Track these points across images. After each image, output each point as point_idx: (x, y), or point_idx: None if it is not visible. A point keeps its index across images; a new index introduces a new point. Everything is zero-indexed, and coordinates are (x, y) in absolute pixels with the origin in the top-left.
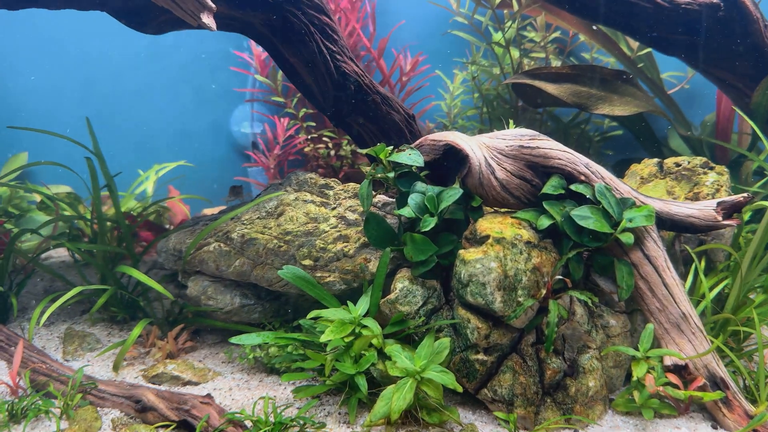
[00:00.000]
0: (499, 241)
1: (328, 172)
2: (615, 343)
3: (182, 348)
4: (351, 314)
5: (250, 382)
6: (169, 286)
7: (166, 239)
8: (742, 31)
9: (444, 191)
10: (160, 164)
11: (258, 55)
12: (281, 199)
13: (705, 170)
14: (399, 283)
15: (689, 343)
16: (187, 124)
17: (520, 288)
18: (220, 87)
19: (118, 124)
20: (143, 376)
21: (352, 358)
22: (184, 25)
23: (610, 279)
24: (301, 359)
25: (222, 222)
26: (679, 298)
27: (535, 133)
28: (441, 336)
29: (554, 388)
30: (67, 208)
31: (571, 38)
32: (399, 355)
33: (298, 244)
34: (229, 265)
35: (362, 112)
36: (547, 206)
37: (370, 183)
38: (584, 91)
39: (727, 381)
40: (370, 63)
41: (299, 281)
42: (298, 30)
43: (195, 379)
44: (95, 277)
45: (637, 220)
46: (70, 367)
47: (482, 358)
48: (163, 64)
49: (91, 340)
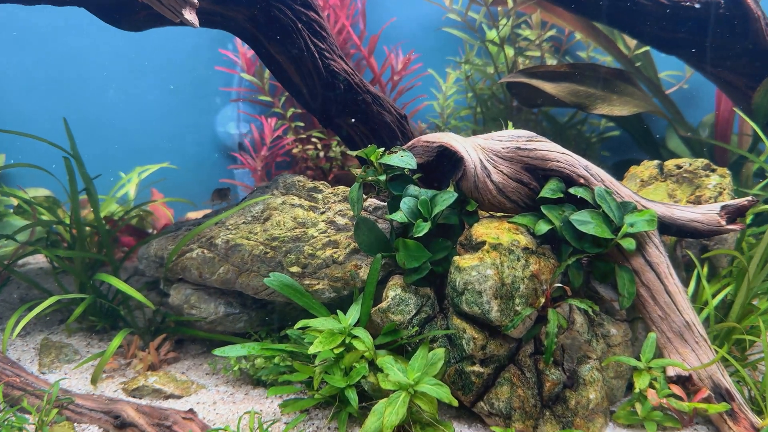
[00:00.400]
0: (495, 248)
1: (317, 174)
2: (616, 352)
3: (164, 359)
4: (341, 324)
5: (235, 395)
6: (150, 294)
7: (147, 245)
8: (743, 29)
9: (438, 195)
10: (143, 166)
11: (244, 53)
12: (268, 203)
13: (707, 173)
14: (391, 290)
15: (693, 353)
16: (170, 125)
17: (517, 296)
18: (205, 86)
19: (98, 125)
20: (123, 389)
21: (342, 371)
22: (165, 21)
23: (610, 286)
24: (288, 371)
25: (205, 227)
26: (682, 305)
27: (533, 134)
28: (435, 346)
29: (553, 400)
30: (45, 212)
31: (567, 36)
32: (391, 367)
33: (286, 251)
34: (212, 273)
35: (352, 112)
36: (546, 210)
37: (360, 186)
38: (583, 91)
39: (733, 392)
40: (360, 61)
41: (286, 290)
42: (285, 26)
43: (177, 393)
44: (74, 284)
45: (639, 225)
46: (46, 381)
47: (478, 369)
48: (145, 63)
49: (68, 351)
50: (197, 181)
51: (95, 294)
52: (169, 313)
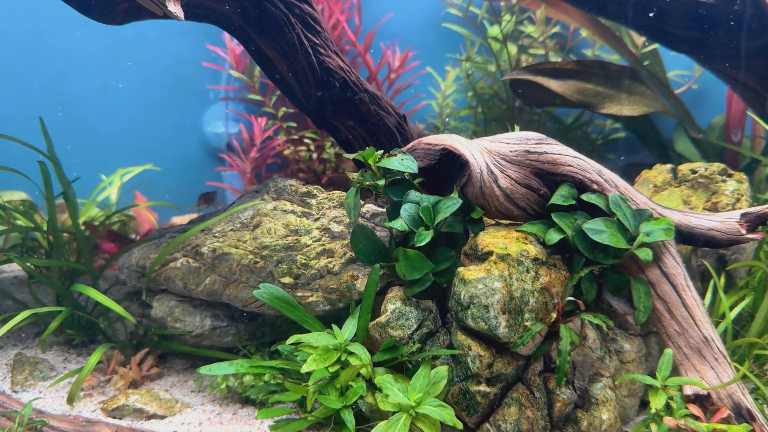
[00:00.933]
0: (503, 258)
1: (310, 177)
2: (629, 369)
3: (147, 375)
4: (336, 339)
5: (223, 416)
6: (132, 306)
7: (128, 254)
8: (758, 27)
9: (441, 201)
10: (125, 168)
11: (232, 48)
12: (258, 209)
13: (723, 178)
14: (390, 303)
15: (712, 370)
16: (155, 125)
17: (527, 311)
18: (192, 84)
19: (78, 125)
20: (102, 408)
21: (337, 390)
22: (148, 14)
23: (624, 299)
24: (279, 389)
25: (191, 234)
26: (700, 320)
27: (542, 137)
28: (438, 364)
29: (564, 421)
30: (21, 217)
31: (572, 34)
32: (391, 387)
33: (277, 260)
34: (198, 284)
35: (348, 112)
36: (557, 218)
37: (357, 191)
38: (591, 89)
39: (754, 412)
40: (356, 59)
41: (277, 302)
42: (277, 20)
43: (161, 412)
44: (51, 295)
45: (655, 234)
46: (19, 400)
47: (484, 389)
48: (127, 59)
49: (44, 367)
50: (183, 184)
51: (73, 306)
52: (152, 326)
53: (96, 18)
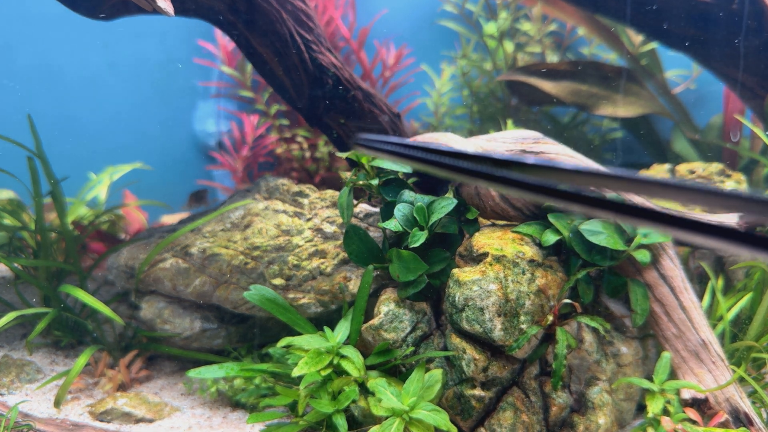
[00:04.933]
0: (498, 260)
1: (303, 176)
2: (626, 373)
3: (136, 378)
4: (328, 342)
5: (213, 419)
6: (121, 307)
7: (116, 254)
8: (757, 25)
9: (435, 201)
10: (115, 166)
11: (224, 45)
12: (249, 209)
13: (722, 178)
14: (384, 306)
15: (709, 374)
16: (144, 122)
17: (522, 313)
18: (182, 80)
19: (66, 122)
20: (90, 412)
21: (329, 394)
22: (136, 9)
23: (621, 301)
24: (270, 393)
25: (180, 235)
26: (698, 323)
27: (539, 136)
28: (432, 367)
29: (560, 425)
30: (8, 216)
31: (569, 32)
32: (384, 391)
33: (268, 261)
34: (187, 285)
35: (341, 109)
36: (553, 219)
37: (350, 191)
38: (585, 90)
39: (752, 416)
40: (350, 56)
41: (268, 304)
42: (268, 15)
43: (149, 416)
44: (39, 295)
45: (653, 235)
46: (5, 403)
47: (479, 393)
48: (116, 54)
49: (30, 369)
50: (173, 183)
51: (60, 307)
52: (141, 328)
53: (83, 13)
